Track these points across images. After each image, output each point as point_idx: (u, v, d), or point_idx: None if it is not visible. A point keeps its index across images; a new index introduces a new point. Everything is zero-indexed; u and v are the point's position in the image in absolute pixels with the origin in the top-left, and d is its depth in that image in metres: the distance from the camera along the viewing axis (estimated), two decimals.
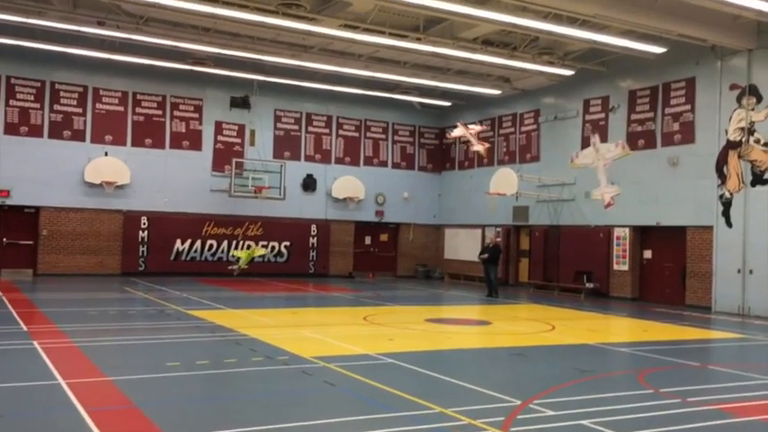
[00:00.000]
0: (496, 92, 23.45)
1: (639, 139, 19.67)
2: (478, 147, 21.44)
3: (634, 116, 20.01)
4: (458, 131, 21.46)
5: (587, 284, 20.52)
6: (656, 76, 19.30)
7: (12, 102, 21.05)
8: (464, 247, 26.09)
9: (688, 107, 18.57)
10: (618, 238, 20.30)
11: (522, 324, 14.52)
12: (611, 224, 20.41)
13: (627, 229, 20.04)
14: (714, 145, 17.75)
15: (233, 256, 22.26)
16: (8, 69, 20.96)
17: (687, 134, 18.52)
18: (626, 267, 20.03)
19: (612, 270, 20.39)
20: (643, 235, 19.95)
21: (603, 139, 19.88)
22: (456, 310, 17.34)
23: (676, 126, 18.84)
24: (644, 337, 13.19)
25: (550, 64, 19.81)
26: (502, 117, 24.94)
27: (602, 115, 20.99)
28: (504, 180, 22.16)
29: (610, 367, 10.11)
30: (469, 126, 21.83)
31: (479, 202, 24.48)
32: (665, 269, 19.30)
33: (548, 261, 22.49)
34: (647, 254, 19.88)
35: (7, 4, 16.33)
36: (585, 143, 21.31)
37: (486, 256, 20.25)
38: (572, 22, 16.07)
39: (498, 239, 22.29)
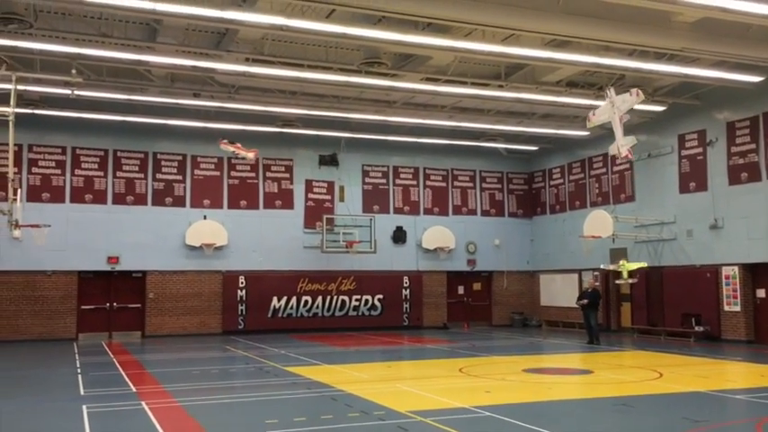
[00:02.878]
0: (585, 133, 23.02)
1: (742, 173, 18.73)
2: (249, 154, 19.76)
3: (734, 149, 19.11)
4: (224, 148, 19.58)
5: (696, 328, 19.42)
6: (755, 105, 18.43)
7: (118, 173, 22.46)
8: (561, 292, 25.36)
9: None
10: (727, 277, 19.20)
11: (627, 372, 13.85)
12: (718, 263, 19.36)
13: (736, 268, 18.93)
14: None
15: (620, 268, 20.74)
16: (114, 144, 22.46)
17: None
18: (738, 308, 18.86)
19: (723, 311, 19.24)
20: (754, 273, 18.78)
21: (701, 175, 19.06)
22: (555, 359, 16.76)
23: None
24: (761, 382, 12.26)
25: (640, 101, 19.27)
26: (592, 158, 24.40)
27: (700, 150, 20.18)
28: (599, 222, 21.54)
29: (724, 417, 9.44)
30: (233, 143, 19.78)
31: (574, 246, 23.84)
32: None
33: (651, 304, 21.49)
34: (761, 293, 18.66)
35: (113, 83, 17.59)
36: (684, 180, 20.52)
37: (584, 301, 19.60)
38: (659, 57, 15.68)
39: (597, 284, 21.51)
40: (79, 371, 14.06)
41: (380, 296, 24.93)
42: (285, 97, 19.34)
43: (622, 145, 17.08)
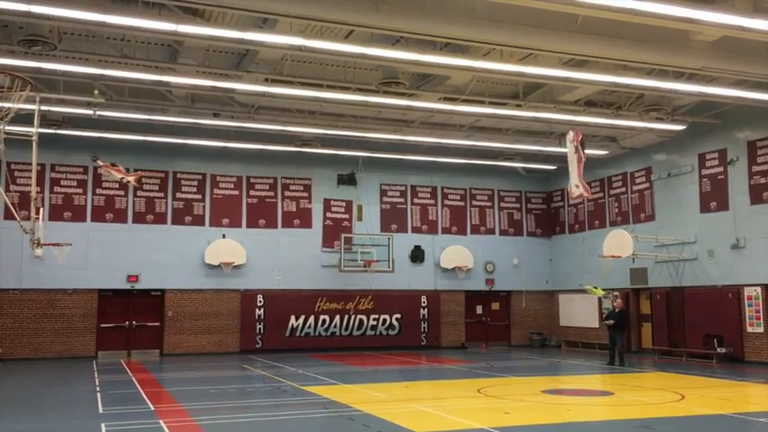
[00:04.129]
0: (603, 152, 22.94)
1: (764, 192, 18.53)
2: (129, 178, 18.09)
3: (755, 168, 18.92)
4: (104, 172, 18.21)
5: (719, 349, 19.12)
6: None
7: (139, 192, 22.67)
8: (580, 312, 25.11)
9: None
10: (749, 298, 18.92)
11: (648, 394, 13.64)
12: (740, 283, 19.10)
13: (759, 288, 18.66)
14: None
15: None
16: (135, 163, 22.60)
17: None
18: (761, 329, 18.55)
19: (746, 333, 18.94)
20: None
21: (722, 194, 18.86)
22: (575, 380, 16.56)
23: None
24: None
25: (659, 120, 19.23)
26: (611, 177, 24.26)
27: (720, 169, 19.99)
28: (618, 242, 21.35)
29: None
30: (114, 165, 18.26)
31: (594, 266, 23.62)
32: None
33: (672, 325, 21.21)
34: None
35: (135, 104, 17.84)
36: (704, 199, 20.34)
37: (610, 322, 19.37)
38: (678, 76, 15.61)
39: (619, 303, 21.24)
40: (98, 389, 14.12)
41: (398, 315, 24.84)
42: (304, 117, 19.49)
43: (575, 185, 17.27)
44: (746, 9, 11.80)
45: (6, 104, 9.44)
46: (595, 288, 21.39)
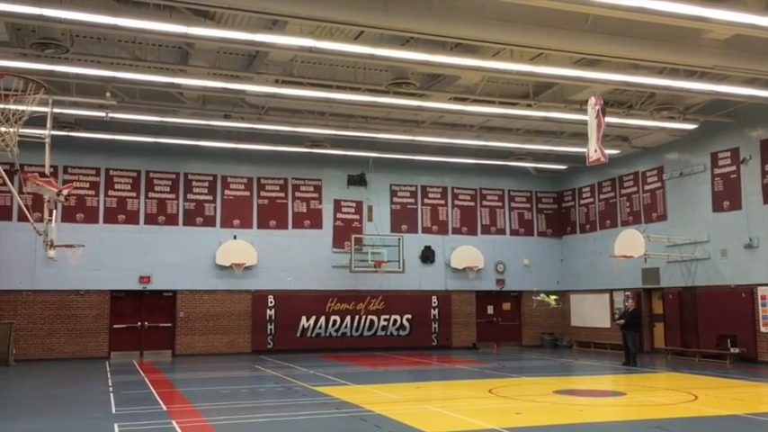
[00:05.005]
0: (615, 151, 22.82)
1: None
2: (65, 191, 17.02)
3: None
4: (32, 186, 16.72)
5: (732, 349, 18.99)
6: None
7: (150, 194, 22.80)
8: (592, 313, 25.02)
9: None
10: (763, 297, 18.78)
11: (661, 394, 13.57)
12: (753, 283, 18.96)
13: None
14: None
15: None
16: (147, 165, 22.82)
17: None
18: None
19: (759, 333, 18.80)
20: None
21: (735, 193, 18.75)
22: (587, 381, 16.49)
23: None
24: None
25: (671, 119, 19.12)
26: (623, 177, 24.15)
27: (733, 168, 19.86)
28: (630, 242, 21.24)
29: None
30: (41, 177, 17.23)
31: (605, 266, 23.52)
32: None
33: (685, 325, 21.09)
34: None
35: (146, 106, 17.94)
36: (717, 198, 20.21)
37: (621, 321, 19.27)
38: (690, 74, 15.52)
39: (630, 303, 21.16)
40: (111, 389, 14.21)
41: (409, 316, 24.83)
42: (314, 118, 19.52)
43: (594, 149, 17.16)
44: (759, 7, 11.71)
45: (21, 107, 9.51)
46: (547, 296, 22.25)
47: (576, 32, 13.00)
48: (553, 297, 22.70)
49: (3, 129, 9.45)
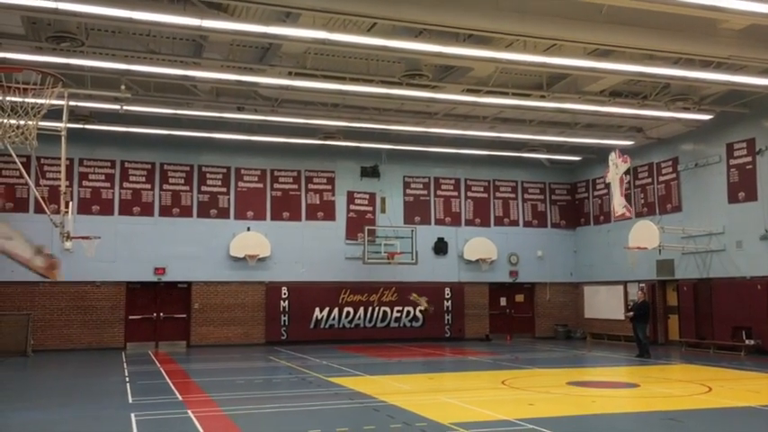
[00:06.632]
0: (629, 143, 22.70)
1: None
2: None
3: None
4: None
5: (747, 341, 18.89)
6: None
7: (165, 186, 22.95)
8: (606, 304, 24.94)
9: None
10: None
11: (675, 386, 13.54)
12: None
13: None
14: None
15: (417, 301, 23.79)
16: (161, 157, 22.95)
17: None
18: None
19: None
20: None
21: (751, 184, 18.59)
22: (600, 372, 16.48)
23: None
24: None
25: (686, 110, 18.97)
26: (637, 168, 23.99)
27: (749, 159, 19.69)
28: (644, 233, 21.13)
29: None
30: None
31: (619, 257, 23.43)
32: None
33: (700, 317, 20.99)
34: None
35: (161, 98, 18.05)
36: (732, 189, 20.06)
37: (630, 314, 19.24)
38: (705, 65, 15.39)
39: (640, 295, 21.10)
40: (127, 379, 14.37)
41: (422, 307, 24.86)
42: (327, 110, 19.55)
43: (620, 204, 18.05)
44: None
45: (39, 101, 9.62)
46: (419, 297, 23.17)
47: (589, 23, 12.93)
48: (424, 299, 23.36)
49: (22, 122, 9.55)
